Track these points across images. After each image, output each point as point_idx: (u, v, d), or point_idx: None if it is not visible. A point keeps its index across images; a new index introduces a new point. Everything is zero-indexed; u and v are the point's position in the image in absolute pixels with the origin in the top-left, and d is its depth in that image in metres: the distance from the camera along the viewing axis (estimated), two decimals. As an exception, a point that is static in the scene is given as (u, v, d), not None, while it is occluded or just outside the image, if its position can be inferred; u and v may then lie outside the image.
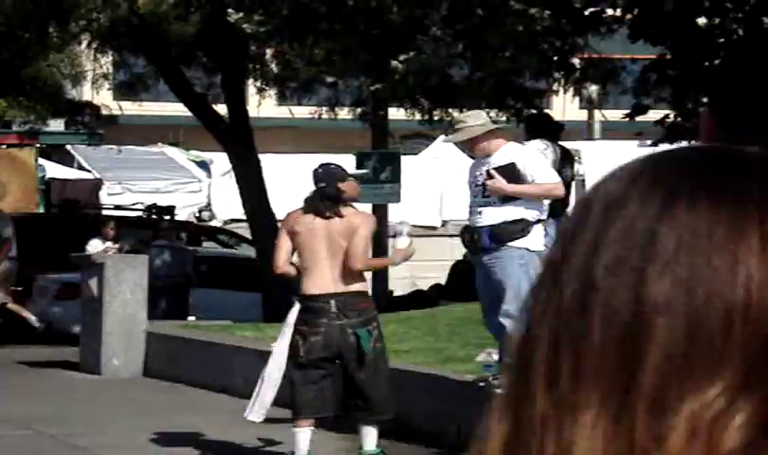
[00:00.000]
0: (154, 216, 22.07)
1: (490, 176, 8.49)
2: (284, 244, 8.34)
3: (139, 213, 23.36)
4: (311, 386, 8.18)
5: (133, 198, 28.78)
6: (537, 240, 8.60)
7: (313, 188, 8.38)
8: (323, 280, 8.19)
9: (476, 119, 8.71)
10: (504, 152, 8.61)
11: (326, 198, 8.29)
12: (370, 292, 8.79)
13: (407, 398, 9.70)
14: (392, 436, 9.39)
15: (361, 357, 8.20)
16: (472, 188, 8.69)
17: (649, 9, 17.24)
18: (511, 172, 8.49)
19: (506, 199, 8.51)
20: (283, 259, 8.32)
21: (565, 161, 13.28)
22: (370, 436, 8.32)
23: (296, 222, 8.34)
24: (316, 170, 8.49)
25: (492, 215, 8.53)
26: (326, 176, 8.36)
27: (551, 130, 13.33)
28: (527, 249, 8.52)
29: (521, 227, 8.51)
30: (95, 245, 16.54)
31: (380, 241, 19.01)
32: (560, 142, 13.59)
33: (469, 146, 8.72)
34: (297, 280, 8.37)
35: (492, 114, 13.25)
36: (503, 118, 16.34)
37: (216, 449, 9.16)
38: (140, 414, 10.80)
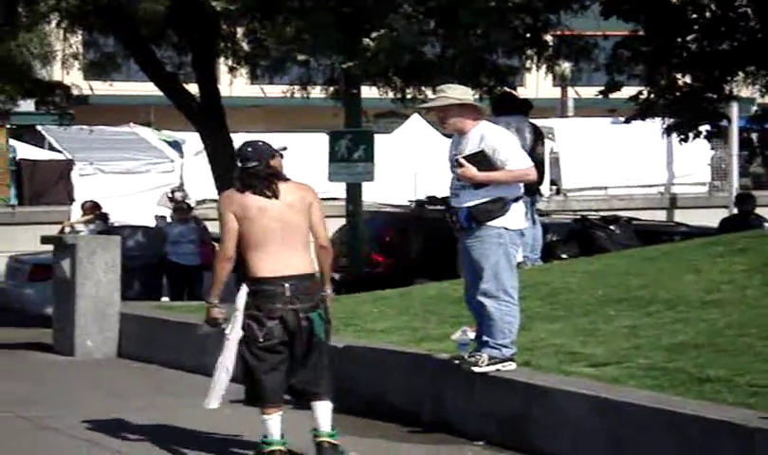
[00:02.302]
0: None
1: (461, 164, 8.47)
2: (234, 227, 8.01)
3: None
4: (273, 373, 8.07)
5: (104, 179, 28.66)
6: (515, 218, 8.58)
7: (241, 166, 8.05)
8: (276, 262, 7.96)
9: (454, 91, 8.66)
10: (476, 133, 8.56)
11: (266, 177, 8.04)
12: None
13: (382, 377, 9.68)
14: (367, 415, 9.38)
15: (311, 341, 8.08)
16: (451, 167, 8.67)
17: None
18: (483, 159, 8.46)
19: (480, 184, 8.48)
20: (234, 245, 8.01)
21: (537, 139, 13.30)
22: (326, 417, 8.20)
23: (242, 203, 8.03)
24: (244, 149, 8.14)
25: (469, 196, 8.52)
26: (258, 154, 8.08)
27: (519, 107, 13.33)
28: (505, 228, 8.50)
29: (500, 206, 8.49)
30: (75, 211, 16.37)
31: (357, 220, 18.99)
32: (532, 120, 13.61)
33: (440, 117, 8.67)
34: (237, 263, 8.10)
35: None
36: (477, 96, 16.30)
37: (191, 430, 9.12)
38: (114, 395, 10.75)
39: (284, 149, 8.40)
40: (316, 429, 8.23)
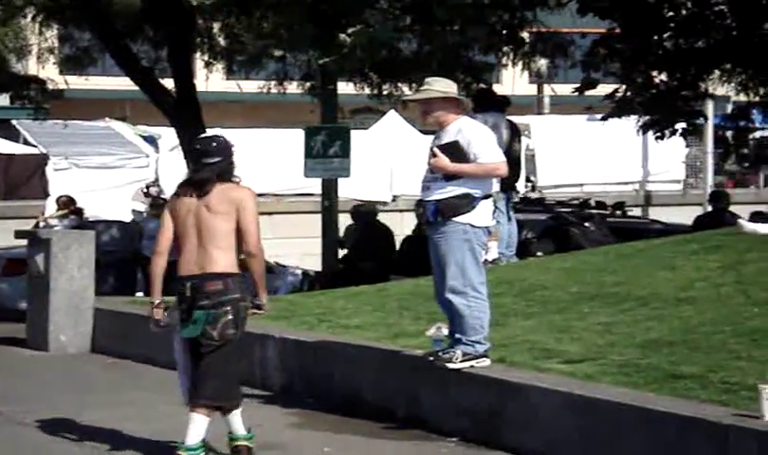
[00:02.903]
0: None
1: (435, 154, 8.48)
2: (167, 225, 8.09)
3: None
4: (184, 376, 8.05)
5: (79, 174, 28.55)
6: (482, 215, 8.56)
7: (198, 163, 7.96)
8: (188, 262, 7.94)
9: (439, 84, 8.66)
10: (455, 126, 8.58)
11: (223, 174, 7.95)
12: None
13: (357, 373, 9.68)
14: (342, 411, 9.37)
15: (199, 341, 7.85)
16: (427, 161, 8.67)
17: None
18: (456, 151, 8.46)
19: (451, 176, 8.47)
20: (165, 241, 8.07)
21: (513, 136, 13.31)
22: (194, 427, 7.87)
23: (175, 204, 8.06)
24: (207, 144, 8.05)
25: (439, 190, 8.51)
26: (220, 151, 7.99)
27: (497, 104, 13.34)
28: (471, 224, 8.49)
29: (467, 202, 8.47)
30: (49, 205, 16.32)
31: (332, 216, 18.99)
32: (509, 117, 13.62)
33: (423, 110, 8.66)
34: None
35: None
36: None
37: (164, 425, 9.09)
38: (87, 390, 10.72)
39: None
40: (181, 441, 7.91)
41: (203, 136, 8.47)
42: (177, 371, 8.19)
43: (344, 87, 19.40)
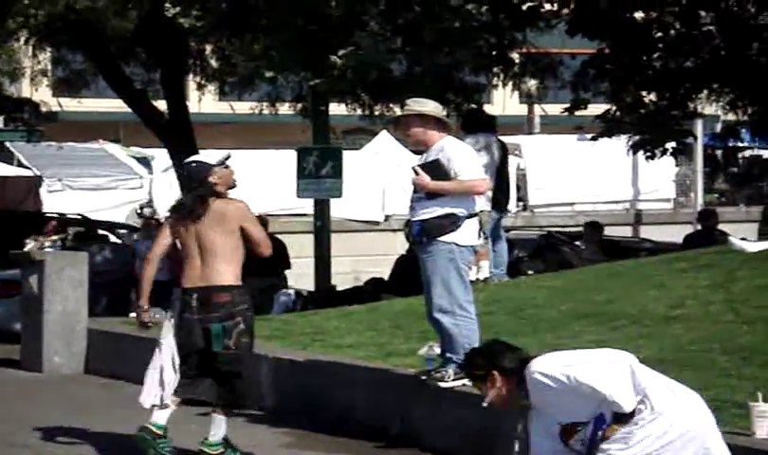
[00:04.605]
0: None
1: (416, 173, 8.56)
2: (164, 234, 8.68)
3: None
4: (184, 378, 8.48)
5: (73, 196, 28.60)
6: (467, 235, 8.60)
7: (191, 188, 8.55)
8: (192, 276, 8.41)
9: (420, 105, 8.75)
10: (438, 146, 8.65)
11: (191, 202, 8.47)
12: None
13: (349, 393, 9.73)
14: (334, 431, 9.42)
15: (215, 350, 8.39)
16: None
17: (585, 4, 17.35)
18: (436, 168, 8.53)
19: (433, 195, 8.55)
20: (159, 250, 8.66)
21: (505, 156, 13.37)
22: (215, 427, 8.50)
23: (176, 222, 8.61)
24: (191, 169, 8.60)
25: (423, 210, 8.58)
26: (195, 176, 8.52)
27: (487, 124, 13.40)
28: (456, 244, 8.55)
29: (451, 222, 8.53)
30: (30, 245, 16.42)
31: (325, 236, 19.06)
32: (500, 137, 13.69)
33: (403, 128, 8.76)
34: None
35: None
36: (444, 113, 16.38)
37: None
38: (81, 411, 10.75)
39: (228, 158, 8.61)
40: (204, 438, 8.48)
41: (187, 161, 8.86)
42: (151, 377, 8.55)
43: (336, 108, 19.50)
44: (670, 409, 5.99)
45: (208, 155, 9.09)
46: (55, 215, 21.71)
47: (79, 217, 22.49)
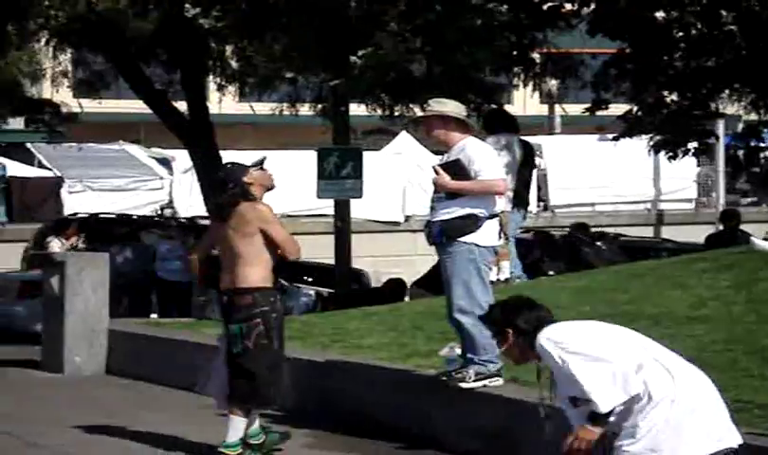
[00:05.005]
0: None
1: (436, 172, 8.54)
2: (208, 236, 9.09)
3: None
4: (216, 383, 8.77)
5: (94, 197, 28.68)
6: (488, 235, 8.58)
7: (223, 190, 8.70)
8: (223, 279, 8.64)
9: (441, 105, 8.73)
10: (460, 146, 8.63)
11: (224, 203, 8.64)
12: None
13: (370, 394, 9.71)
14: (354, 431, 9.41)
15: (233, 351, 8.57)
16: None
17: (605, 4, 17.31)
18: (458, 168, 8.51)
19: (453, 195, 8.52)
20: (202, 249, 9.04)
21: (527, 155, 13.32)
22: (232, 427, 8.58)
23: (215, 225, 8.88)
24: (224, 171, 8.86)
25: (444, 210, 8.56)
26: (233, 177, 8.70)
27: (508, 124, 13.36)
28: (476, 244, 8.52)
29: (471, 223, 8.50)
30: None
31: (345, 237, 19.05)
32: (522, 137, 13.65)
33: (424, 129, 8.76)
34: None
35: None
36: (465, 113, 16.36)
37: (178, 446, 9.14)
38: (102, 412, 10.76)
39: (264, 160, 8.75)
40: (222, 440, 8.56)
41: (223, 164, 9.14)
42: (210, 379, 8.80)
43: (356, 108, 19.50)
44: (668, 393, 6.06)
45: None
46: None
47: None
